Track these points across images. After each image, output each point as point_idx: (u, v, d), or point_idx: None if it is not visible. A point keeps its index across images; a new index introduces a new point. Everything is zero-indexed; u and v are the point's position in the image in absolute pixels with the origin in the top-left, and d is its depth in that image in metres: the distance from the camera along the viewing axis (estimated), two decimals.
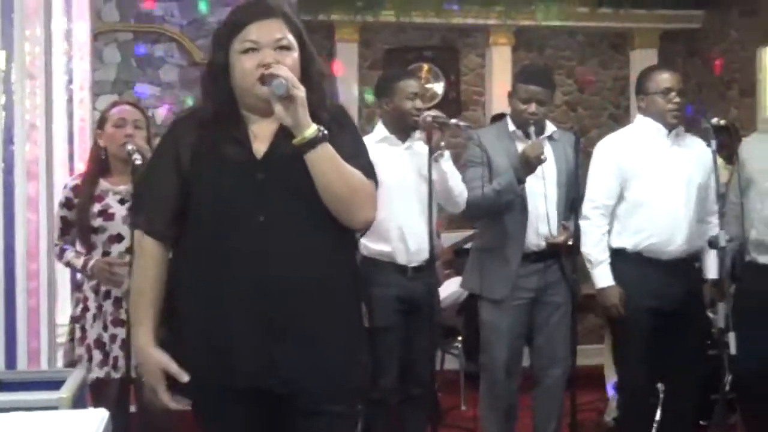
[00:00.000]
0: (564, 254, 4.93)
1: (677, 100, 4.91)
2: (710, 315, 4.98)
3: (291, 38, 2.82)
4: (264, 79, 2.71)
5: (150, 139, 4.58)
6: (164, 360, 2.80)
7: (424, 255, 4.75)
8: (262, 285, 2.72)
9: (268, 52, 2.76)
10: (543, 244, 4.89)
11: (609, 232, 4.99)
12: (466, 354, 7.00)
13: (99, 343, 4.43)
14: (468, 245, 6.95)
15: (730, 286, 4.50)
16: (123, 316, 4.34)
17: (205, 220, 2.79)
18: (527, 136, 4.89)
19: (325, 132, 2.71)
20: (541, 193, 4.88)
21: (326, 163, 2.72)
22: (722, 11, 8.43)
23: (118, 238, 4.45)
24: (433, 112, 4.76)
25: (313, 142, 2.70)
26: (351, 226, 2.82)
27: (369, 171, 2.84)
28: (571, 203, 4.93)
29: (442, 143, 4.64)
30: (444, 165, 4.65)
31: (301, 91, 2.69)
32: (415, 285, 4.81)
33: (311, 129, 2.70)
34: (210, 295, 2.77)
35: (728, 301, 4.36)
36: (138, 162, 4.20)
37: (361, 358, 2.93)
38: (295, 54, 2.82)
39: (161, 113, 7.34)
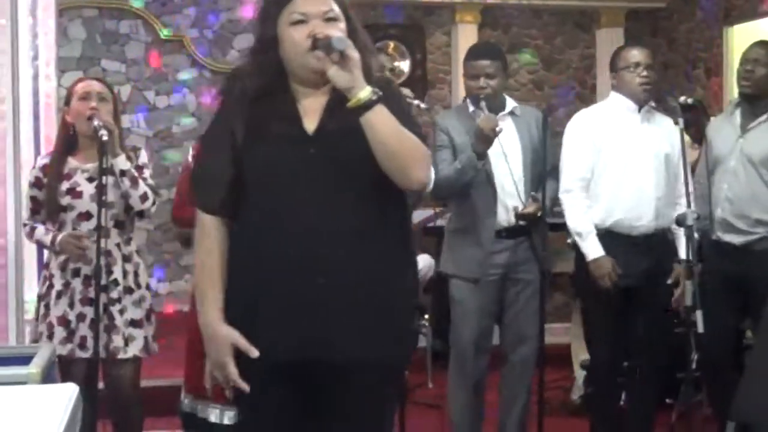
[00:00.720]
0: (534, 229, 4.93)
1: (645, 73, 4.95)
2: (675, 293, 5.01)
3: (338, 10, 2.83)
4: (316, 44, 2.72)
5: (117, 114, 4.56)
6: (234, 335, 2.82)
7: None
8: (316, 259, 2.75)
9: (318, 23, 2.77)
10: (513, 219, 4.90)
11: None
12: (434, 332, 7.02)
13: (63, 321, 4.40)
14: (434, 223, 6.98)
15: (697, 265, 4.54)
16: (92, 295, 4.30)
17: (260, 197, 2.82)
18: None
19: (380, 93, 2.71)
20: (506, 170, 4.88)
21: (382, 123, 2.72)
22: None
23: (87, 216, 4.42)
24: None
25: (369, 104, 2.70)
26: (407, 187, 2.82)
27: (421, 137, 2.85)
28: (539, 179, 4.94)
29: None
30: None
31: (355, 53, 2.69)
32: None
33: (366, 90, 2.70)
34: (267, 269, 2.79)
35: (695, 279, 4.38)
36: (105, 138, 4.20)
37: (411, 330, 3.03)
38: (343, 25, 2.82)
39: (126, 90, 7.31)
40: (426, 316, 6.98)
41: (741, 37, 7.69)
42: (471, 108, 4.99)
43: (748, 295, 4.94)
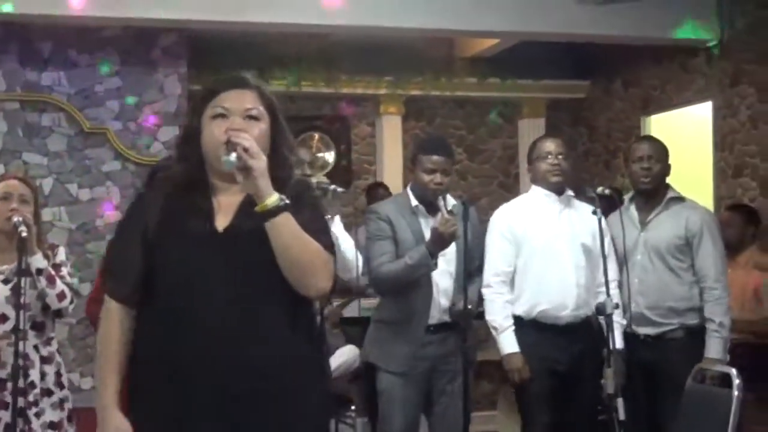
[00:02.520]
0: (463, 323, 4.94)
1: (554, 161, 5.03)
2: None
3: (262, 110, 2.86)
4: (227, 147, 2.74)
5: (38, 214, 4.51)
6: (124, 426, 2.79)
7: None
8: (223, 358, 2.73)
9: (237, 120, 2.80)
10: (445, 318, 4.90)
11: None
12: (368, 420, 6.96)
13: None
14: (351, 313, 6.96)
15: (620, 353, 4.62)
16: (7, 399, 4.23)
17: (166, 291, 2.80)
18: (429, 211, 4.90)
19: (287, 201, 2.73)
20: (443, 268, 4.89)
21: (286, 230, 2.73)
22: (606, 81, 8.66)
23: (2, 318, 4.35)
24: (318, 179, 4.78)
25: (274, 211, 2.71)
26: (306, 294, 2.82)
27: (328, 245, 2.85)
28: (469, 275, 4.97)
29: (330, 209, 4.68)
30: (335, 228, 4.65)
31: (259, 162, 2.71)
32: None
33: (273, 198, 2.72)
34: (171, 367, 2.76)
35: (615, 367, 4.42)
36: (24, 234, 4.14)
37: (323, 424, 2.96)
38: (264, 125, 2.85)
39: (48, 183, 7.24)
40: (353, 407, 6.92)
41: (659, 126, 7.91)
42: (414, 202, 4.98)
43: (661, 382, 5.02)
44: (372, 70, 8.42)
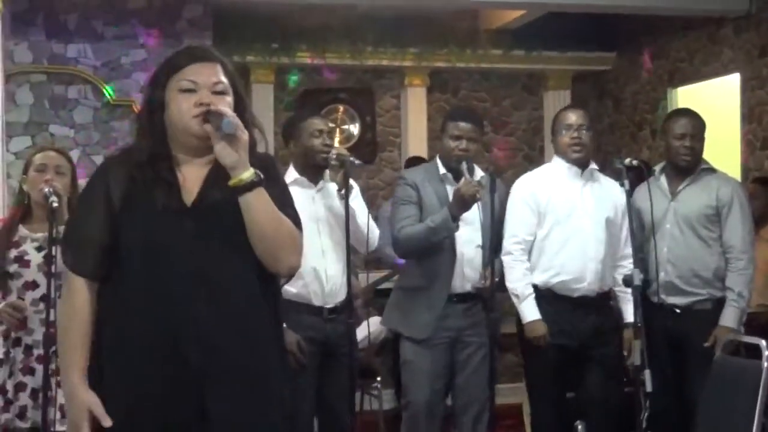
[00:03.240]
0: (487, 295, 4.95)
1: (575, 134, 5.02)
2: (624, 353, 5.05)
3: (227, 84, 2.85)
4: (208, 116, 2.73)
5: (75, 185, 4.52)
6: (92, 400, 2.76)
7: (341, 296, 4.76)
8: (191, 331, 2.72)
9: (206, 93, 2.78)
10: (468, 287, 4.92)
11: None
12: (395, 392, 6.99)
13: (1, 390, 4.33)
14: (385, 285, 6.98)
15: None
16: (33, 364, 4.27)
17: (135, 265, 2.78)
18: (457, 178, 4.92)
19: (262, 176, 2.73)
20: (469, 237, 4.90)
21: (260, 206, 2.74)
22: (632, 53, 8.60)
23: (33, 285, 4.38)
24: (337, 150, 4.80)
25: (250, 185, 2.72)
26: (276, 272, 2.83)
27: (296, 221, 2.86)
28: (498, 247, 4.98)
29: (352, 181, 4.71)
30: (352, 202, 4.66)
31: (244, 134, 2.72)
32: (332, 326, 4.78)
33: (249, 172, 2.72)
34: (139, 340, 2.75)
35: (643, 339, 4.42)
36: (55, 204, 4.16)
37: (285, 399, 2.92)
38: (230, 99, 2.84)
39: (74, 155, 7.26)
40: (378, 379, 6.95)
41: (685, 98, 7.85)
42: (442, 170, 5.00)
43: (688, 354, 5.02)
44: (397, 42, 8.39)
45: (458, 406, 5.04)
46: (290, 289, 4.69)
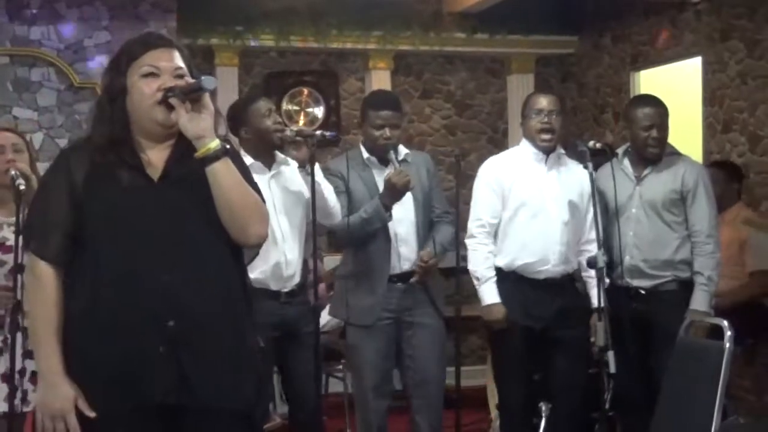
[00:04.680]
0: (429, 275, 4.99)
1: (545, 119, 5.05)
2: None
3: (185, 69, 2.90)
4: (174, 93, 2.79)
5: (33, 162, 4.50)
6: (76, 393, 2.80)
7: (297, 278, 4.78)
8: (163, 303, 2.77)
9: (168, 78, 2.83)
10: (406, 266, 4.96)
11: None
12: None
13: (5, 377, 4.28)
14: None
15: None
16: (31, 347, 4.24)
17: (101, 243, 2.81)
18: (382, 162, 4.95)
19: (228, 147, 2.78)
20: (402, 216, 4.95)
21: (228, 176, 2.80)
22: (595, 37, 8.64)
23: (20, 268, 4.34)
24: (295, 127, 4.81)
25: (217, 154, 2.77)
26: (245, 242, 2.89)
27: (258, 193, 2.93)
28: (430, 224, 5.02)
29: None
30: (317, 177, 4.68)
31: (212, 105, 2.79)
32: (289, 310, 4.78)
33: (216, 141, 2.78)
34: (111, 318, 2.79)
35: (606, 320, 4.47)
36: (22, 187, 4.12)
37: (256, 370, 3.01)
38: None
39: (38, 138, 7.22)
40: (343, 361, 6.97)
41: (647, 82, 7.92)
42: (365, 155, 5.03)
43: (653, 334, 5.07)
44: (361, 25, 8.38)
45: (410, 386, 5.10)
46: (249, 275, 4.70)
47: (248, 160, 4.74)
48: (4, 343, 4.34)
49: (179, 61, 2.89)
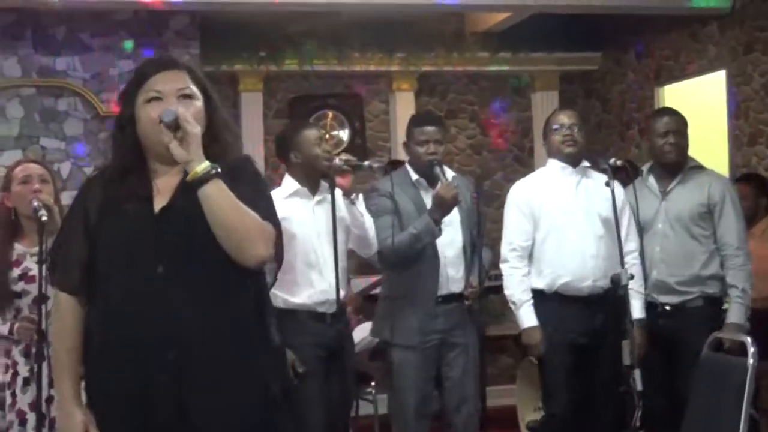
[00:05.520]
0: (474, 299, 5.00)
1: (567, 132, 5.07)
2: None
3: (194, 89, 2.90)
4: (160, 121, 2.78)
5: (57, 193, 4.55)
6: (88, 419, 2.83)
7: (340, 302, 4.80)
8: (166, 335, 2.76)
9: (172, 101, 2.83)
10: (453, 288, 4.96)
11: (529, 273, 5.09)
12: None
13: (33, 407, 4.31)
14: (376, 291, 7.00)
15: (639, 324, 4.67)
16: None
17: (110, 276, 2.83)
18: (430, 183, 4.98)
19: (218, 169, 2.75)
20: (450, 239, 4.96)
21: (217, 197, 2.75)
22: (618, 53, 8.64)
23: (43, 298, 4.38)
24: (345, 156, 4.83)
25: (205, 177, 2.74)
26: (243, 263, 2.80)
27: (267, 214, 2.86)
28: (474, 246, 5.03)
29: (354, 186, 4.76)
30: (360, 207, 4.71)
31: (194, 128, 2.76)
32: (333, 331, 4.80)
33: (203, 165, 2.75)
34: (117, 349, 2.80)
35: (632, 338, 4.45)
36: (44, 218, 4.16)
37: (271, 402, 2.92)
38: (199, 103, 2.89)
39: (66, 168, 7.28)
40: (373, 384, 6.97)
41: (672, 96, 7.89)
42: (414, 176, 5.06)
43: (679, 352, 5.05)
44: (384, 47, 8.41)
45: (449, 406, 5.08)
46: (294, 300, 4.76)
47: (294, 185, 4.82)
48: (31, 372, 4.37)
49: (186, 81, 2.89)
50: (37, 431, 4.15)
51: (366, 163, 4.79)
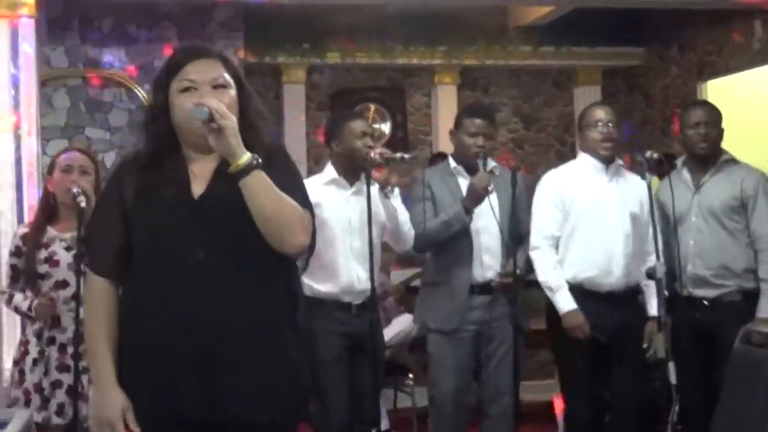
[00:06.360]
0: (510, 289, 5.00)
1: (605, 129, 5.06)
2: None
3: (228, 77, 2.92)
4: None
5: (98, 185, 4.61)
6: (126, 404, 2.84)
7: (368, 293, 4.83)
8: (201, 320, 2.79)
9: (206, 90, 2.85)
10: (488, 275, 4.99)
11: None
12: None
13: (38, 388, 4.44)
14: (416, 282, 7.03)
15: (668, 318, 4.64)
16: (69, 362, 4.36)
17: (146, 260, 2.86)
18: (468, 171, 5.00)
19: (259, 160, 2.78)
20: (484, 225, 4.98)
21: (260, 188, 2.78)
22: (661, 48, 8.60)
23: (64, 284, 4.47)
24: (379, 149, 4.86)
25: (247, 169, 2.77)
26: (283, 251, 2.85)
27: (303, 202, 2.90)
28: (515, 237, 5.04)
29: (393, 180, 4.76)
30: (394, 201, 4.74)
31: (230, 121, 2.77)
32: (359, 322, 4.83)
33: (245, 156, 2.77)
34: (152, 333, 2.84)
35: (666, 331, 4.45)
36: (83, 204, 4.25)
37: (301, 385, 2.97)
38: (233, 92, 2.91)
39: (111, 158, 7.37)
40: (411, 376, 7.00)
41: (715, 91, 7.84)
42: (453, 164, 5.10)
43: (716, 346, 5.03)
44: (426, 41, 8.44)
45: (485, 399, 5.10)
46: (320, 287, 4.80)
47: (332, 173, 4.89)
48: (40, 354, 4.46)
49: (219, 70, 2.91)
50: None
51: (398, 154, 4.80)
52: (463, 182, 5.02)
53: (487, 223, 4.98)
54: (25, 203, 5.77)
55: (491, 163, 5.09)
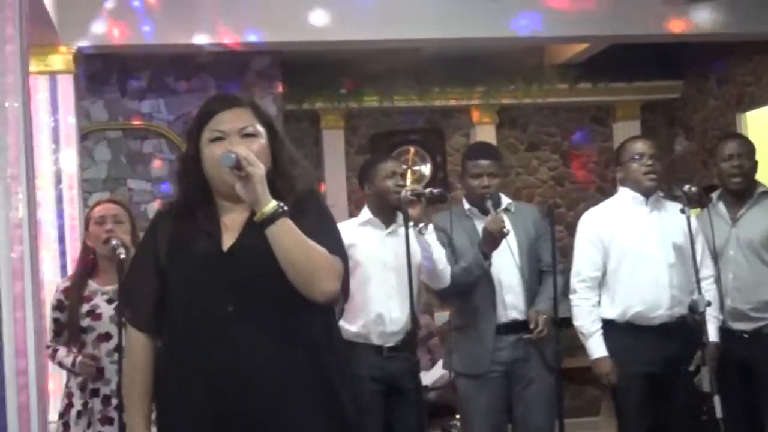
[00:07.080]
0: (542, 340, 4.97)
1: (649, 162, 5.03)
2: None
3: (258, 126, 2.90)
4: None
5: (135, 233, 4.65)
6: None
7: (402, 334, 4.83)
8: (235, 375, 2.76)
9: (235, 139, 2.84)
10: (513, 314, 4.96)
11: (599, 303, 5.06)
12: None
13: None
14: None
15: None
16: (112, 414, 4.40)
17: (179, 315, 2.86)
18: (483, 212, 4.98)
19: (285, 208, 2.76)
20: (505, 265, 4.96)
21: (286, 235, 2.75)
22: (700, 80, 8.58)
23: (107, 336, 4.52)
24: (411, 186, 4.88)
25: (272, 217, 2.74)
26: (313, 298, 2.80)
27: (334, 248, 2.86)
28: (537, 274, 5.04)
29: (427, 217, 4.76)
30: (428, 238, 4.74)
31: (257, 169, 2.74)
32: (392, 364, 4.84)
33: (270, 204, 2.75)
34: (187, 387, 2.83)
35: (710, 365, 4.40)
36: (123, 256, 4.28)
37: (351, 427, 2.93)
38: (262, 141, 2.90)
39: (153, 208, 7.44)
40: (457, 416, 6.97)
41: (755, 122, 7.80)
42: (467, 206, 5.09)
43: (758, 380, 4.99)
44: (464, 81, 8.49)
45: None
46: (350, 328, 4.80)
47: (368, 214, 4.93)
48: (84, 406, 4.50)
49: (248, 119, 2.90)
50: None
51: (427, 190, 4.80)
52: (479, 224, 4.99)
53: (506, 262, 4.96)
54: (68, 257, 5.84)
55: (506, 201, 5.09)
